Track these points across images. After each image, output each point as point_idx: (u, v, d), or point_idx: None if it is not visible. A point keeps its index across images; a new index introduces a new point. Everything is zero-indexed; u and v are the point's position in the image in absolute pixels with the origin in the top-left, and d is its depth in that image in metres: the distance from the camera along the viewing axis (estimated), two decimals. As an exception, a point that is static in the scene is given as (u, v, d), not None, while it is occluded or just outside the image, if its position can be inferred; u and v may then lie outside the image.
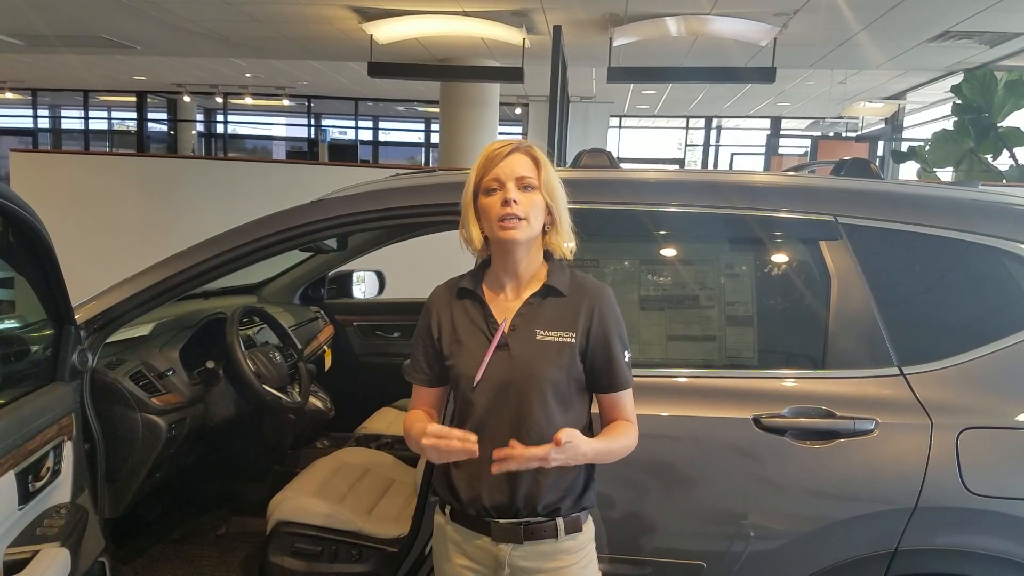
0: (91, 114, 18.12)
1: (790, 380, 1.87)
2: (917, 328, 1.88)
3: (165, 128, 18.08)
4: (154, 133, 17.91)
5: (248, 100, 15.61)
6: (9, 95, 16.22)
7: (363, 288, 3.92)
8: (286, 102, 15.88)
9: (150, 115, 17.41)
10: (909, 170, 10.70)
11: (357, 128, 17.38)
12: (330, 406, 3.33)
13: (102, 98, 17.43)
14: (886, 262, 1.91)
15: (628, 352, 1.55)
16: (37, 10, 7.80)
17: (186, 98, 15.92)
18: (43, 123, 19.16)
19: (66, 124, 19.87)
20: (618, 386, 1.53)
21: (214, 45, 9.54)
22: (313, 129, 17.57)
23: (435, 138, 15.17)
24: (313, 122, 17.50)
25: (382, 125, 18.81)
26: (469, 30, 7.68)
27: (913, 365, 1.81)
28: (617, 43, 7.57)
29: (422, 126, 18.90)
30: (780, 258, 1.98)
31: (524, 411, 1.47)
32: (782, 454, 1.77)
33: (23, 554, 1.59)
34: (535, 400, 1.46)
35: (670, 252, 2.03)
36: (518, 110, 14.80)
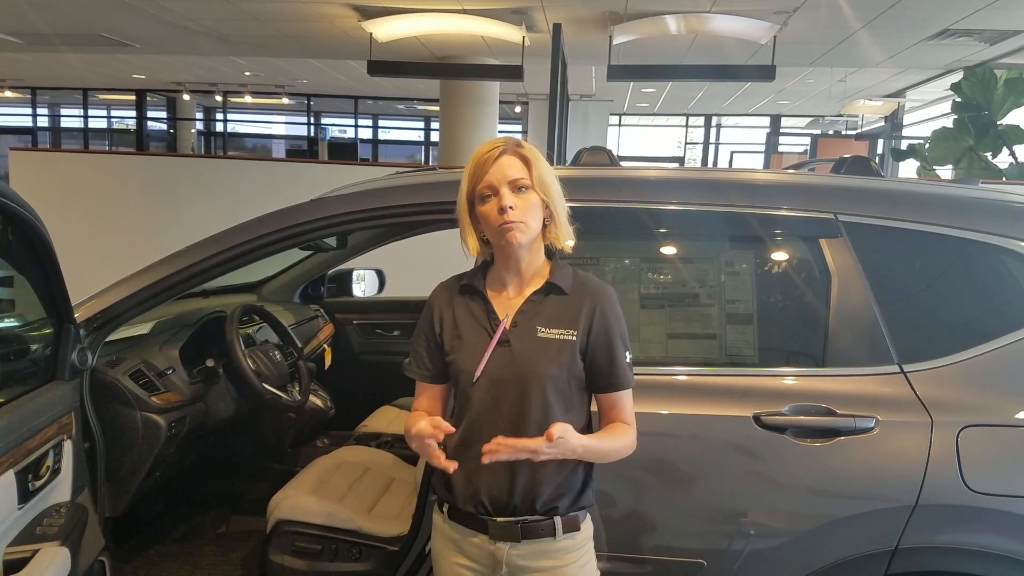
0: (90, 112, 18.12)
1: (790, 378, 1.87)
2: (917, 326, 1.87)
3: (165, 126, 18.07)
4: (153, 131, 17.90)
5: (248, 98, 15.58)
6: (8, 94, 16.20)
7: (363, 286, 3.92)
8: (286, 100, 15.87)
9: (149, 113, 17.41)
10: (909, 168, 10.71)
11: (357, 126, 17.38)
12: (330, 404, 3.33)
13: (101, 96, 17.42)
14: (886, 260, 1.91)
15: (629, 352, 1.54)
16: (37, 8, 7.79)
17: (185, 96, 15.90)
18: (42, 121, 19.16)
19: (65, 123, 19.87)
20: (618, 386, 1.52)
21: (214, 43, 9.53)
22: (313, 127, 17.56)
23: (435, 136, 15.16)
24: (313, 120, 17.48)
25: (382, 123, 18.80)
26: (469, 28, 7.67)
27: (913, 363, 1.81)
28: (617, 41, 7.56)
29: (422, 124, 18.89)
30: (780, 256, 1.98)
31: (523, 408, 1.46)
32: (782, 452, 1.77)
33: (23, 553, 1.58)
34: (534, 397, 1.46)
35: (670, 250, 2.03)
36: (518, 108, 14.81)
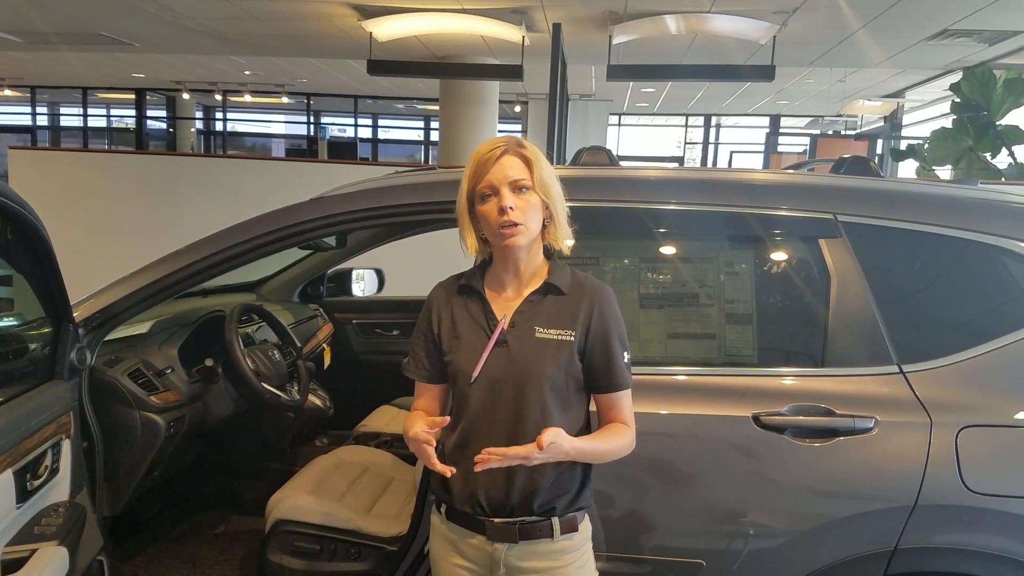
0: (90, 111, 18.12)
1: (789, 378, 1.87)
2: (916, 326, 1.87)
3: (164, 125, 18.06)
4: (153, 130, 17.89)
5: (247, 97, 15.57)
6: (8, 92, 16.19)
7: (362, 286, 3.91)
8: (285, 99, 15.86)
9: (149, 112, 17.41)
10: (908, 168, 10.71)
11: (356, 126, 17.38)
12: (329, 404, 3.33)
13: (101, 95, 17.41)
14: (885, 260, 1.91)
15: (627, 353, 1.54)
16: (36, 7, 7.79)
17: (185, 95, 15.89)
18: (42, 120, 19.16)
19: (65, 121, 19.86)
20: (616, 386, 1.52)
21: (213, 42, 9.52)
22: (312, 127, 17.56)
23: (434, 136, 15.16)
24: (312, 120, 17.48)
25: (381, 123, 18.80)
26: (469, 28, 7.67)
27: (912, 363, 1.81)
28: (616, 41, 7.56)
29: (421, 124, 18.89)
30: (780, 256, 1.98)
31: (521, 408, 1.46)
32: (781, 452, 1.77)
33: (21, 553, 1.58)
34: (532, 397, 1.46)
35: (670, 250, 2.03)
36: (517, 108, 14.81)
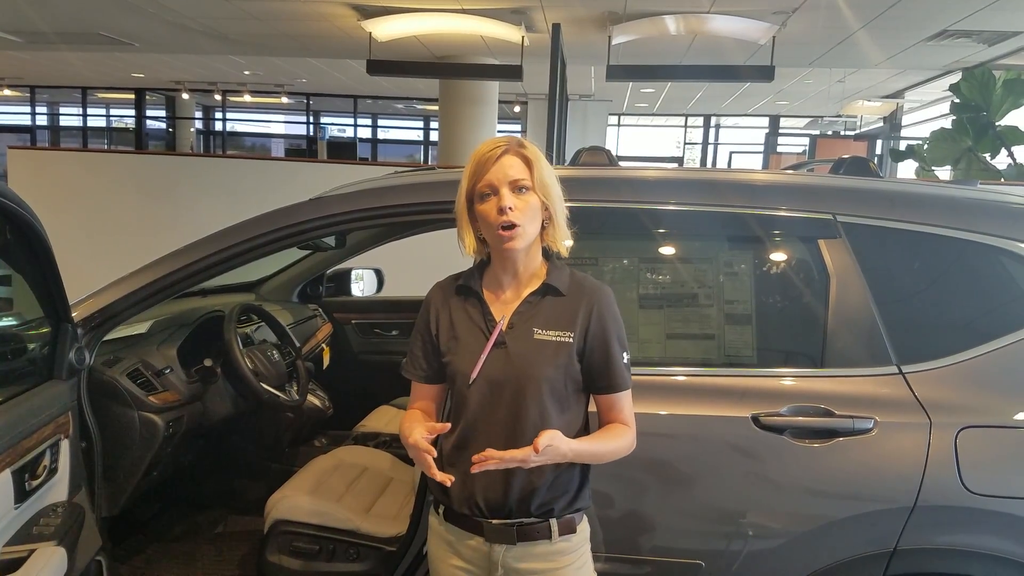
0: (89, 111, 18.12)
1: (789, 379, 1.87)
2: (916, 327, 1.87)
3: (164, 125, 18.06)
4: (152, 130, 17.89)
5: (247, 97, 15.58)
6: (7, 92, 16.18)
7: (362, 286, 3.91)
8: (285, 99, 15.87)
9: (148, 112, 17.41)
10: (907, 169, 10.72)
11: (356, 126, 17.38)
12: (328, 404, 3.33)
13: (100, 95, 17.41)
14: (885, 261, 1.91)
15: (627, 353, 1.53)
16: (36, 7, 7.79)
17: (185, 95, 15.89)
18: (41, 120, 19.15)
19: (64, 121, 19.86)
20: (616, 387, 1.52)
21: (213, 42, 9.52)
22: (312, 127, 17.56)
23: (434, 136, 15.16)
24: (312, 120, 17.48)
25: (381, 123, 18.80)
26: (468, 28, 7.67)
27: (912, 364, 1.81)
28: (616, 41, 7.56)
29: (421, 124, 18.89)
30: (779, 257, 1.98)
31: (519, 410, 1.46)
32: (781, 453, 1.77)
33: (19, 553, 1.58)
34: (530, 399, 1.45)
35: (669, 250, 2.02)
36: (517, 108, 14.81)
